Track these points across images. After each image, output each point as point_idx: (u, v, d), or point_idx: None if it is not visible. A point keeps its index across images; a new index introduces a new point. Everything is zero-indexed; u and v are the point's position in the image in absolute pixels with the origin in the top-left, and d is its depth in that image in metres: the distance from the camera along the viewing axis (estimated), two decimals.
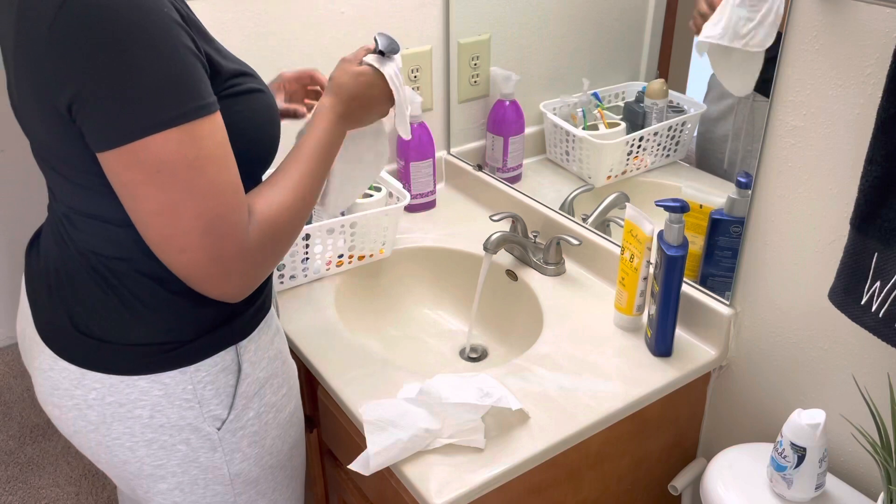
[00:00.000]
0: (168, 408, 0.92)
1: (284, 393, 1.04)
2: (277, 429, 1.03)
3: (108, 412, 0.92)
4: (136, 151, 0.75)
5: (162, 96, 0.75)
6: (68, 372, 0.92)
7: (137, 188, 0.77)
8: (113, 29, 0.73)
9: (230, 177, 0.81)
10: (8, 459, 2.16)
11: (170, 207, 0.78)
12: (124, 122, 0.75)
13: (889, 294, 0.90)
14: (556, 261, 1.40)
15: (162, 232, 0.79)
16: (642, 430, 1.19)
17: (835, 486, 1.05)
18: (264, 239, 0.85)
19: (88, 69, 0.73)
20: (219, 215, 0.79)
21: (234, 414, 0.96)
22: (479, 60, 1.63)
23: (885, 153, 0.87)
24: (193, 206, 0.78)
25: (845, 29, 0.93)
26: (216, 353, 0.93)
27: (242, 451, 0.99)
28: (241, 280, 0.85)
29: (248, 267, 0.84)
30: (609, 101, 1.50)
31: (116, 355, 0.90)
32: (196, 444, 0.95)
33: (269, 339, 1.01)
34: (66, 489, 2.07)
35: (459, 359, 1.40)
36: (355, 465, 1.00)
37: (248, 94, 0.89)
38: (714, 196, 1.23)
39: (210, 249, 0.80)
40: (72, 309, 0.92)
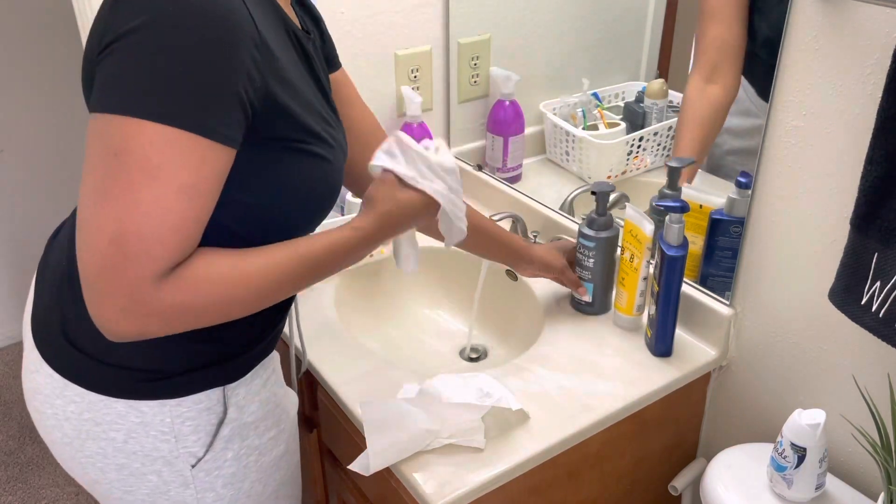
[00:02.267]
0: (143, 436, 0.89)
1: (272, 437, 1.00)
2: (259, 472, 0.99)
3: (84, 429, 0.90)
4: (110, 124, 0.69)
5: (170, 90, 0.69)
6: (52, 379, 0.90)
7: (91, 161, 0.71)
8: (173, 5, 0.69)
9: (184, 212, 0.70)
10: (8, 459, 2.16)
11: (101, 193, 0.70)
12: (116, 93, 0.70)
13: (889, 294, 0.90)
14: None
15: (83, 213, 0.71)
16: (642, 431, 1.19)
17: (835, 486, 1.05)
18: (174, 297, 0.72)
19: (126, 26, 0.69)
20: (139, 235, 0.69)
21: (210, 454, 0.93)
22: (479, 60, 1.63)
23: (885, 153, 0.87)
24: (120, 207, 0.69)
25: (845, 29, 0.93)
26: (201, 391, 0.90)
27: (216, 491, 0.96)
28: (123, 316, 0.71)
29: (139, 307, 0.71)
30: (609, 101, 1.50)
31: (97, 372, 0.88)
32: (168, 477, 0.92)
33: (262, 382, 0.97)
34: (66, 489, 2.07)
35: (459, 359, 1.40)
36: (355, 465, 1.00)
37: (313, 158, 0.84)
38: (714, 196, 1.23)
39: (107, 260, 0.69)
40: (66, 316, 0.89)
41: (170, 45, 0.69)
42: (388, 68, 1.59)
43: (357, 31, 1.51)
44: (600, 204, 1.25)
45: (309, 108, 0.84)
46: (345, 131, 0.96)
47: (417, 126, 1.57)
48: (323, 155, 0.85)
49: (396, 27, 1.56)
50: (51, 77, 2.40)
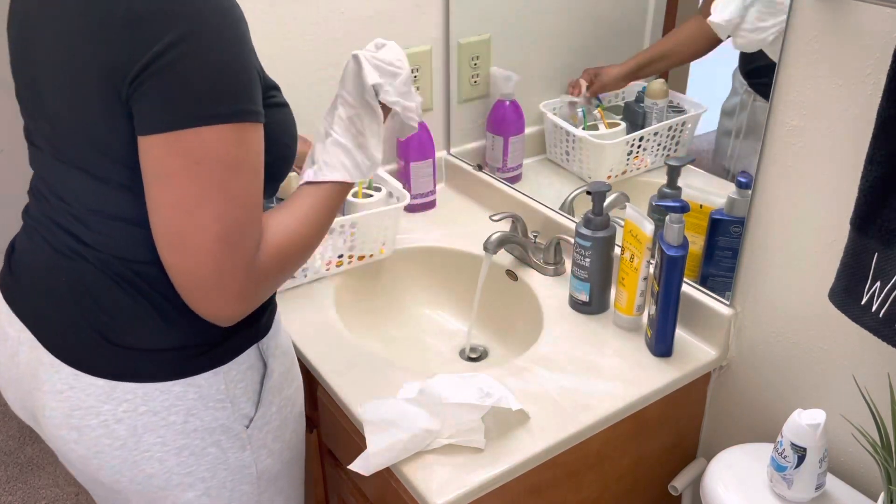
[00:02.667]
0: (202, 410, 0.92)
1: (296, 387, 1.05)
2: (294, 422, 1.05)
3: (140, 423, 0.90)
4: (186, 139, 0.74)
5: (226, 91, 0.75)
6: (94, 388, 0.89)
7: (171, 176, 0.76)
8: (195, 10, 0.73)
9: (258, 190, 0.80)
10: (8, 459, 2.16)
11: (193, 202, 0.76)
12: (182, 108, 0.74)
13: (889, 294, 0.90)
14: (556, 261, 1.40)
15: (175, 225, 0.77)
16: (642, 431, 1.19)
17: (835, 486, 1.05)
18: (271, 262, 0.83)
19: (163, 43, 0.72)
20: (238, 223, 0.78)
21: (261, 410, 0.97)
22: (479, 60, 1.63)
23: (886, 153, 0.87)
24: (218, 206, 0.76)
25: (845, 29, 0.93)
26: (243, 351, 0.94)
27: (268, 446, 1.00)
28: (238, 300, 0.81)
29: (250, 287, 0.81)
30: (609, 101, 1.50)
31: (150, 362, 0.89)
32: (226, 444, 0.95)
33: (281, 335, 1.02)
34: (66, 489, 2.07)
35: (459, 359, 1.40)
36: (355, 465, 1.00)
37: (278, 108, 0.90)
38: (714, 196, 1.23)
39: (218, 257, 0.77)
40: (97, 321, 0.89)
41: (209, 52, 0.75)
42: None
43: (357, 31, 1.51)
44: (596, 203, 1.25)
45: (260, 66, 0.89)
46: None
47: None
48: (283, 101, 0.92)
49: (396, 27, 1.56)
50: None
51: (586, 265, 1.27)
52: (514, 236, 1.40)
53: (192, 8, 0.74)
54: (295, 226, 0.87)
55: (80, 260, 0.89)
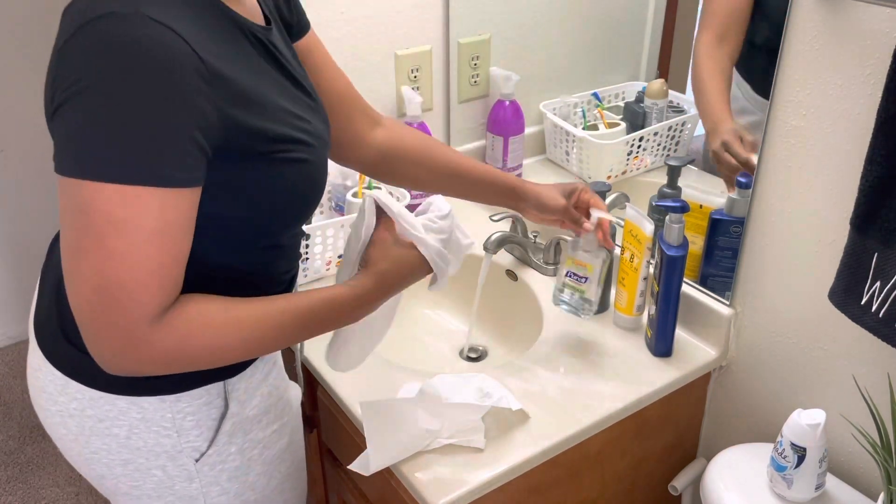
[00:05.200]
0: (145, 432, 0.90)
1: (275, 430, 1.01)
2: (263, 465, 1.00)
3: (87, 425, 0.91)
4: (71, 186, 0.72)
5: (116, 148, 0.70)
6: (54, 377, 0.91)
7: (63, 215, 0.74)
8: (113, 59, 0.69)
9: (158, 256, 0.73)
10: (8, 459, 2.16)
11: (76, 248, 0.73)
12: (70, 157, 0.72)
13: (889, 294, 0.90)
14: (556, 261, 1.40)
15: (66, 264, 0.75)
16: (642, 431, 1.19)
17: (835, 487, 1.05)
18: (166, 341, 0.75)
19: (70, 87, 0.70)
20: (119, 283, 0.72)
21: (214, 449, 0.94)
22: (479, 60, 1.63)
23: (886, 153, 0.87)
24: (96, 260, 0.72)
25: (845, 29, 0.93)
26: (201, 385, 0.91)
27: (221, 484, 0.97)
28: (118, 358, 0.76)
29: (131, 353, 0.75)
30: (609, 101, 1.50)
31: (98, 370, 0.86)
32: (172, 472, 0.93)
33: (262, 376, 0.98)
34: (66, 489, 2.07)
35: (459, 359, 1.40)
36: (355, 465, 1.00)
37: (294, 164, 0.84)
38: (714, 196, 1.23)
39: (95, 308, 0.73)
40: (63, 315, 0.90)
41: (114, 103, 0.69)
42: (388, 68, 1.59)
43: (357, 31, 1.51)
44: None
45: (278, 114, 0.83)
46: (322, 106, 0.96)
47: (417, 125, 1.57)
48: (302, 158, 0.85)
49: (396, 27, 1.56)
50: None
51: None
52: (514, 236, 1.40)
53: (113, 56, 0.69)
54: (220, 323, 0.79)
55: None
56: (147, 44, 0.69)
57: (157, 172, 0.71)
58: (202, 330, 0.77)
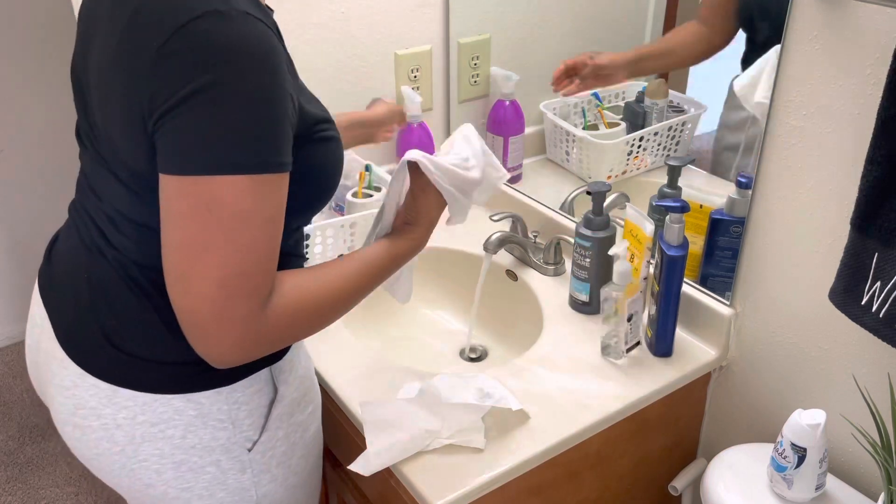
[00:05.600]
0: (201, 428, 0.90)
1: (310, 411, 1.03)
2: (303, 448, 1.02)
3: (139, 432, 0.89)
4: (197, 183, 0.73)
5: (245, 141, 0.73)
6: (97, 389, 0.89)
7: (180, 217, 0.75)
8: (229, 54, 0.71)
9: (272, 241, 0.78)
10: (8, 459, 2.16)
11: (200, 246, 0.75)
12: (198, 154, 0.73)
13: (889, 294, 0.90)
14: (556, 261, 1.40)
15: (180, 266, 0.76)
16: (642, 431, 1.19)
17: (835, 487, 1.05)
18: (278, 320, 0.80)
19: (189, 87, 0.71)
20: (243, 273, 0.76)
21: (266, 435, 0.95)
22: (479, 60, 1.63)
23: (886, 153, 0.87)
24: (223, 254, 0.75)
25: (845, 29, 0.93)
26: (252, 373, 0.92)
27: (271, 471, 0.97)
28: (236, 348, 0.79)
29: (250, 337, 0.79)
30: (609, 101, 1.50)
31: (151, 373, 0.88)
32: (226, 465, 0.93)
33: (299, 359, 1.00)
34: (66, 489, 2.07)
35: (459, 359, 1.40)
36: (355, 465, 1.00)
37: (328, 142, 0.88)
38: (714, 196, 1.23)
39: (218, 303, 0.75)
40: (105, 322, 0.89)
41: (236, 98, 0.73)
42: (388, 68, 1.59)
43: (357, 31, 1.51)
44: (596, 204, 1.25)
45: (312, 97, 0.88)
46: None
47: (417, 126, 1.57)
48: (334, 136, 0.90)
49: (396, 27, 1.56)
50: (51, 77, 2.40)
51: (586, 265, 1.27)
52: (514, 236, 1.40)
53: (226, 54, 0.72)
54: (317, 292, 0.85)
55: (101, 258, 0.89)
56: (254, 39, 0.73)
57: (275, 160, 0.76)
58: (304, 301, 0.83)
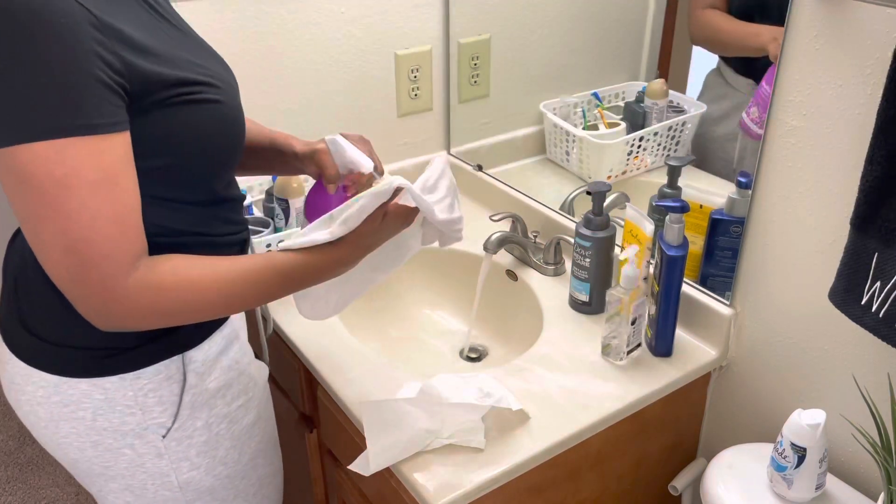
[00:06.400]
0: (109, 412, 0.92)
1: (241, 404, 1.02)
2: (231, 440, 1.02)
3: (55, 411, 0.93)
4: (3, 157, 0.73)
5: (36, 107, 0.71)
6: (19, 368, 0.93)
7: (10, 192, 0.75)
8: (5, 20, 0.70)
9: (112, 206, 0.76)
10: (8, 459, 2.16)
11: (34, 217, 0.75)
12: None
13: (889, 294, 0.90)
14: (556, 261, 1.40)
15: (30, 237, 0.77)
16: (642, 431, 1.19)
17: (835, 486, 1.05)
18: (140, 293, 0.78)
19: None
20: (84, 239, 0.75)
21: (178, 423, 0.96)
22: (479, 60, 1.63)
23: (886, 153, 0.87)
24: (56, 223, 0.74)
25: (845, 29, 0.93)
26: (159, 361, 0.93)
27: (190, 460, 0.98)
28: (103, 313, 0.79)
29: (112, 306, 0.78)
30: (609, 101, 1.50)
31: (59, 356, 0.91)
32: (141, 449, 0.95)
33: (219, 349, 0.99)
34: (66, 489, 2.07)
35: (459, 359, 1.40)
36: (355, 465, 1.00)
37: (200, 105, 0.85)
38: (714, 196, 1.23)
39: (72, 270, 0.76)
40: (21, 307, 0.93)
41: (20, 65, 0.70)
42: (388, 68, 1.59)
43: (357, 31, 1.51)
44: (596, 204, 1.25)
45: (176, 62, 0.84)
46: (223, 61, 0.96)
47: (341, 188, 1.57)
48: (212, 98, 0.87)
49: (396, 27, 1.56)
50: None
51: (586, 265, 1.27)
52: (514, 236, 1.40)
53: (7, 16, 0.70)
54: (198, 274, 0.82)
55: (18, 245, 0.93)
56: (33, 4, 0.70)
57: (78, 122, 0.73)
58: (178, 283, 0.81)
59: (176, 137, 0.84)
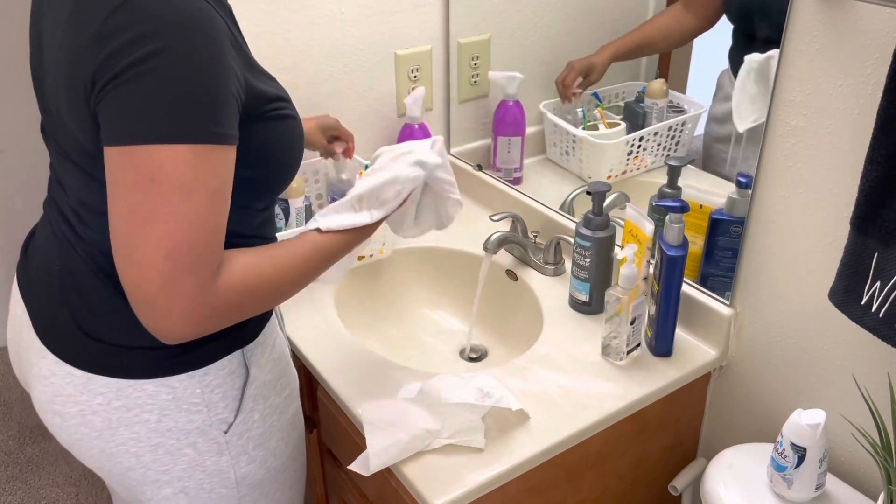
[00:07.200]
0: (176, 412, 0.92)
1: (287, 395, 1.04)
2: (281, 430, 1.03)
3: (115, 417, 0.91)
4: (138, 154, 0.74)
5: (185, 110, 0.74)
6: (73, 377, 0.91)
7: (124, 189, 0.75)
8: (167, 27, 0.73)
9: (218, 216, 0.78)
10: (8, 459, 2.16)
11: (144, 217, 0.75)
12: (138, 124, 0.74)
13: (889, 294, 0.90)
14: (556, 261, 1.40)
15: (126, 239, 0.76)
16: (642, 431, 1.19)
17: (835, 486, 1.05)
18: (228, 295, 0.80)
19: (128, 59, 0.72)
20: (190, 244, 0.76)
21: (241, 417, 0.97)
22: (479, 60, 1.63)
23: (886, 153, 0.87)
24: (168, 225, 0.75)
25: (845, 29, 0.93)
26: (224, 356, 0.94)
27: (248, 453, 0.99)
28: (185, 322, 0.78)
29: (199, 312, 0.78)
30: (609, 101, 1.50)
31: (124, 359, 0.90)
32: (203, 447, 0.95)
33: (272, 343, 1.01)
34: (66, 489, 2.07)
35: (459, 359, 1.40)
36: (355, 465, 1.00)
37: (285, 120, 0.90)
38: (714, 196, 1.23)
39: (167, 276, 0.75)
40: (77, 311, 0.91)
41: (173, 71, 0.73)
42: (388, 68, 1.59)
43: (357, 31, 1.51)
44: (596, 204, 1.25)
45: (265, 77, 0.89)
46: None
47: (418, 126, 1.57)
48: (291, 114, 0.92)
49: (396, 27, 1.56)
50: None
51: (586, 265, 1.27)
52: (514, 236, 1.40)
53: (164, 27, 0.73)
54: (266, 268, 0.85)
55: (70, 249, 0.91)
56: (192, 12, 0.74)
57: (217, 131, 0.76)
58: (254, 278, 0.83)
59: (266, 150, 0.87)
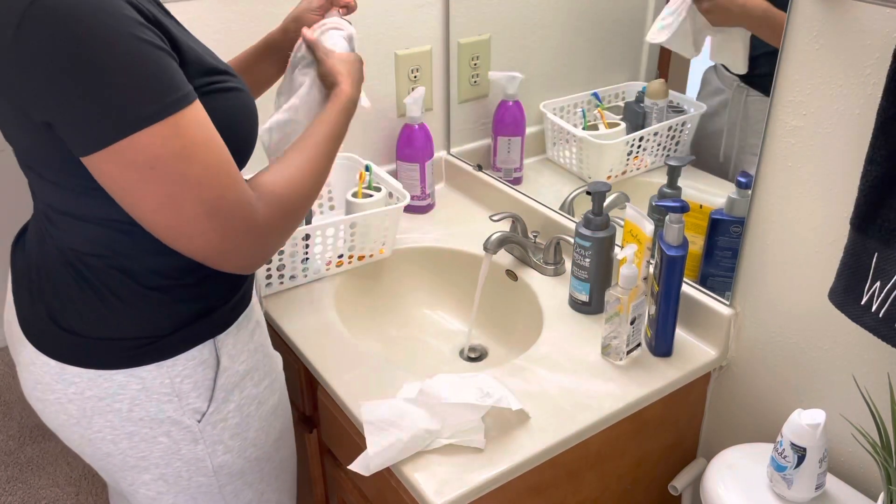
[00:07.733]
0: (146, 402, 0.93)
1: (266, 385, 1.05)
2: (260, 421, 1.04)
3: (88, 406, 0.93)
4: (125, 151, 0.75)
5: (139, 94, 0.75)
6: (49, 367, 0.93)
7: (135, 188, 0.78)
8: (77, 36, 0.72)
9: (220, 157, 0.82)
10: (8, 459, 2.16)
11: (170, 200, 0.79)
12: (106, 124, 0.75)
13: (889, 294, 0.90)
14: (556, 261, 1.40)
15: (168, 225, 0.80)
16: (642, 431, 1.19)
17: (835, 486, 1.05)
18: (272, 213, 0.86)
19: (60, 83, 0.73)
20: (219, 196, 0.80)
21: (213, 406, 0.97)
22: (479, 60, 1.63)
23: (886, 153, 0.87)
24: (193, 194, 0.79)
25: (845, 29, 0.93)
26: (193, 346, 0.95)
27: (224, 443, 1.00)
28: (253, 253, 0.86)
29: (258, 240, 0.86)
30: (609, 101, 1.50)
31: (93, 350, 0.91)
32: (177, 436, 0.96)
33: (248, 332, 1.02)
34: (66, 489, 2.07)
35: (459, 359, 1.40)
36: (355, 465, 1.00)
37: (225, 93, 0.90)
38: (714, 196, 1.23)
39: (220, 230, 0.81)
40: (50, 304, 0.93)
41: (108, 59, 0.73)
42: (388, 68, 1.59)
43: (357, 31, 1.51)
44: (596, 204, 1.25)
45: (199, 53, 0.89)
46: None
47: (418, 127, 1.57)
48: (236, 86, 0.92)
49: (396, 27, 1.56)
50: None
51: (586, 265, 1.27)
52: (514, 236, 1.40)
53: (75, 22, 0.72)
54: (290, 174, 0.91)
55: (45, 245, 0.94)
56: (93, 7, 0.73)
57: (177, 95, 0.78)
58: (286, 187, 0.89)
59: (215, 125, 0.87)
